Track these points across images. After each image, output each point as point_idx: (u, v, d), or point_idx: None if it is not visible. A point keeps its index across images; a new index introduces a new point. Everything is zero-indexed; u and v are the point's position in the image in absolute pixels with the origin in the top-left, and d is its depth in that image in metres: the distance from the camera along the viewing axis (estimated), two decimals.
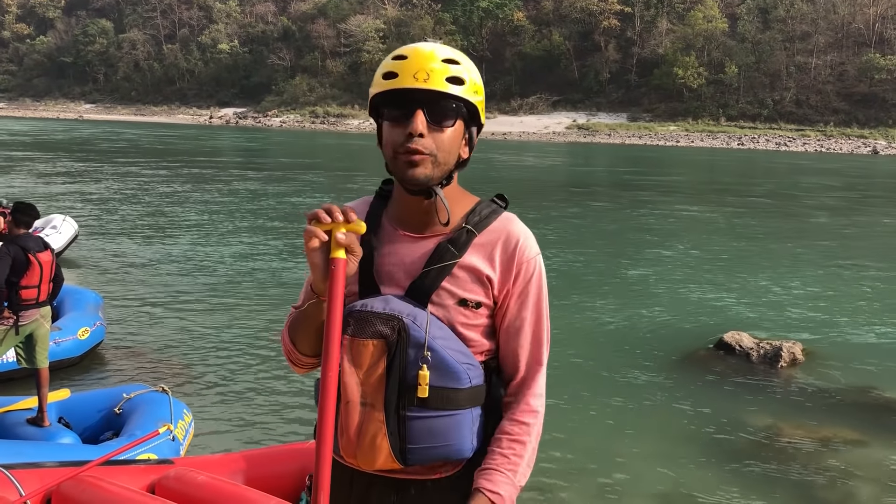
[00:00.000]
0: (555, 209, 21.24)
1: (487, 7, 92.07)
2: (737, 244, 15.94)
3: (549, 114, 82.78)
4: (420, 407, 1.52)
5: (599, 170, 39.12)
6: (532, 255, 1.62)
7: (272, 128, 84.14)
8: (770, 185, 31.44)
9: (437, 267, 1.57)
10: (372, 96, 1.57)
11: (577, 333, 9.06)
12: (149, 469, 4.05)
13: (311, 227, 1.43)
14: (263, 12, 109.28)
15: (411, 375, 1.51)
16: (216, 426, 6.08)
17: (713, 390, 7.31)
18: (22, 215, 5.72)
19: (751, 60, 79.26)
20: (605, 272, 12.75)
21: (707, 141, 69.98)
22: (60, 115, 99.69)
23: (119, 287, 10.70)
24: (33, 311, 5.63)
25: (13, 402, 5.50)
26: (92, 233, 14.89)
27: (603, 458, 5.78)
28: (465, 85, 1.53)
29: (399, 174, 1.55)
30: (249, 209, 19.43)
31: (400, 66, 1.51)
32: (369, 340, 1.53)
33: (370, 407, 1.54)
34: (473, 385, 1.56)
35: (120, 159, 34.41)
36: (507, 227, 1.62)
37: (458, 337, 1.57)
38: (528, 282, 1.61)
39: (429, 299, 1.57)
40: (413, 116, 1.50)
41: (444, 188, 1.58)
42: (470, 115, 1.58)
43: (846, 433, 6.32)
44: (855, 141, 68.12)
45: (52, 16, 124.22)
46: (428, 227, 1.62)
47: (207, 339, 8.36)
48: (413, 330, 1.52)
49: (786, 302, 10.92)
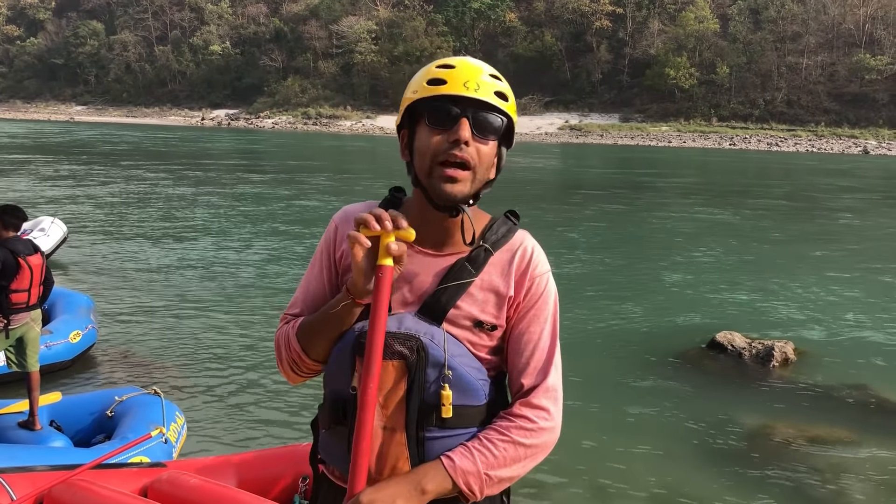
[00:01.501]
0: (548, 211, 21.26)
1: (479, 8, 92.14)
2: (729, 244, 15.98)
3: (542, 115, 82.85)
4: (439, 427, 1.51)
5: (592, 171, 39.19)
6: (544, 271, 1.61)
7: (264, 129, 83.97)
8: (762, 185, 31.57)
9: (453, 285, 1.55)
10: (411, 101, 1.54)
11: (568, 334, 9.06)
12: (141, 472, 4.03)
13: (354, 233, 1.42)
14: (255, 14, 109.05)
15: (432, 396, 1.49)
16: (209, 429, 6.06)
17: (705, 390, 7.33)
18: (10, 217, 5.68)
19: (742, 61, 79.53)
20: (596, 273, 12.77)
21: (699, 141, 70.19)
22: (51, 116, 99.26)
23: (110, 289, 10.66)
24: (23, 314, 5.61)
25: (4, 406, 5.48)
26: (82, 235, 14.83)
27: (594, 457, 5.79)
28: (509, 102, 1.54)
29: (434, 187, 1.52)
30: (244, 211, 19.39)
31: (448, 74, 1.51)
32: (389, 362, 1.48)
33: (391, 431, 1.51)
34: (489, 401, 1.56)
35: (111, 161, 34.29)
36: (522, 243, 1.62)
37: (472, 354, 1.56)
38: (539, 296, 1.59)
39: (444, 318, 1.54)
40: (459, 124, 1.49)
41: (470, 206, 1.57)
42: (505, 133, 1.57)
43: (839, 432, 6.34)
44: (846, 141, 68.41)
45: (42, 17, 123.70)
46: (446, 246, 1.59)
47: (200, 342, 8.34)
48: (432, 349, 1.50)
49: (778, 301, 10.95)
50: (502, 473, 1.51)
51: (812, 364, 8.09)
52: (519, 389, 1.58)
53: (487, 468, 1.49)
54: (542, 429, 1.54)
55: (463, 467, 1.47)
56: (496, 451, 1.50)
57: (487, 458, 1.49)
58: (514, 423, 1.53)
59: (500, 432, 1.52)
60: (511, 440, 1.51)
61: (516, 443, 1.51)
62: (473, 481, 1.48)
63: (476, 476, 1.48)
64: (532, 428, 1.53)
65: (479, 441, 1.51)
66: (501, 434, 1.51)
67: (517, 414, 1.54)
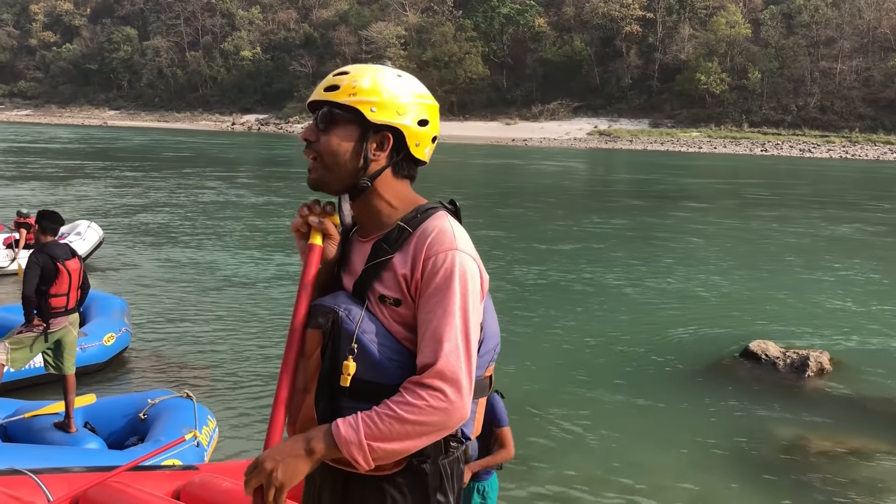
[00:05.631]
0: (579, 217, 21.16)
1: (509, 13, 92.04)
2: (764, 252, 15.78)
3: (571, 120, 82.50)
4: (350, 398, 1.59)
5: (621, 177, 38.95)
6: (444, 249, 1.58)
7: (294, 134, 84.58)
8: (797, 190, 31.12)
9: (372, 265, 1.64)
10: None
11: (601, 342, 9.00)
12: (174, 475, 4.06)
13: (296, 219, 1.70)
14: (285, 19, 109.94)
15: (339, 366, 1.59)
16: (240, 432, 6.10)
17: (739, 400, 7.22)
18: (48, 223, 5.77)
19: (774, 66, 78.55)
20: (628, 280, 12.66)
21: (730, 147, 69.38)
22: (85, 121, 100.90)
23: (144, 292, 10.78)
24: (62, 318, 5.69)
25: (40, 407, 5.55)
26: (117, 238, 15.03)
27: (629, 467, 5.72)
28: (338, 90, 1.66)
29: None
30: (280, 218, 19.53)
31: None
32: (311, 330, 1.63)
33: (305, 393, 1.63)
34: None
35: (146, 165, 34.75)
36: (430, 223, 1.62)
37: (391, 334, 1.61)
38: (436, 275, 1.57)
39: (365, 296, 1.63)
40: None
41: (368, 193, 1.67)
42: (362, 123, 1.65)
43: (877, 444, 6.22)
44: (881, 147, 67.15)
45: (77, 24, 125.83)
46: (372, 230, 1.70)
47: (232, 345, 8.40)
48: (345, 323, 1.60)
49: (813, 311, 10.78)
50: (387, 446, 1.53)
51: (848, 375, 7.94)
52: (417, 367, 1.58)
53: (370, 439, 1.52)
54: (431, 407, 1.52)
55: (346, 436, 1.53)
56: (381, 424, 1.52)
57: (371, 430, 1.52)
58: (403, 399, 1.54)
59: (388, 406, 1.54)
60: (395, 415, 1.52)
61: (401, 419, 1.52)
62: (355, 450, 1.52)
63: (357, 446, 1.52)
64: (419, 405, 1.52)
65: (370, 413, 1.54)
66: (388, 409, 1.53)
67: (405, 389, 1.55)
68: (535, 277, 12.56)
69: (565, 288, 12.00)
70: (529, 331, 9.25)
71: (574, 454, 5.90)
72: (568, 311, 10.39)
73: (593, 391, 7.28)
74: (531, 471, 5.54)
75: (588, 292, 11.65)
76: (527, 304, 10.71)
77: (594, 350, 8.67)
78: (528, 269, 13.09)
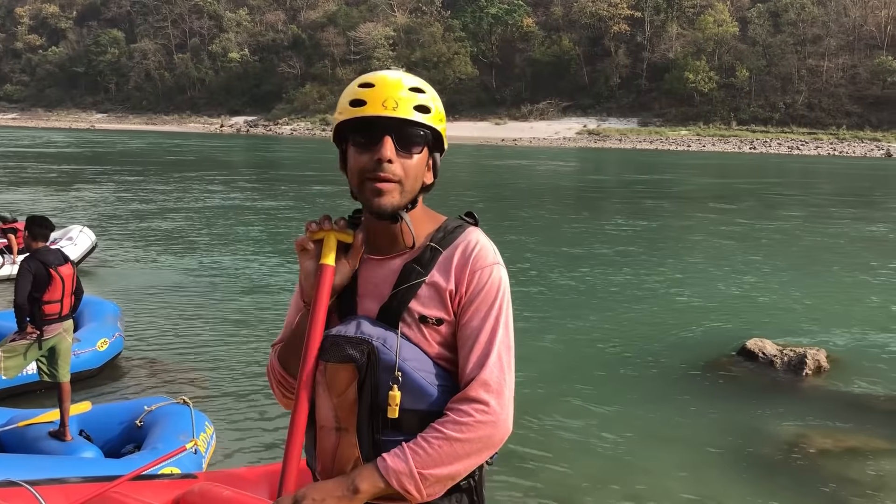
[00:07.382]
0: (571, 216, 21.18)
1: (497, 13, 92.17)
2: (758, 249, 15.82)
3: (560, 119, 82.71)
4: (394, 430, 1.52)
5: (611, 176, 39.03)
6: (488, 263, 1.59)
7: (282, 136, 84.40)
8: (788, 189, 31.26)
9: (404, 288, 1.58)
10: (339, 123, 1.59)
11: (596, 342, 8.99)
12: (173, 484, 4.00)
13: (300, 237, 1.59)
14: (273, 21, 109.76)
15: (382, 398, 1.51)
16: (238, 438, 6.04)
17: (736, 399, 7.21)
18: (39, 228, 5.70)
19: (762, 64, 78.99)
20: (623, 279, 12.66)
21: (719, 145, 69.71)
22: (72, 124, 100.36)
23: (137, 297, 10.69)
24: (56, 325, 5.61)
25: (35, 416, 5.47)
26: (110, 242, 14.91)
27: (625, 466, 5.71)
28: (431, 113, 1.57)
29: (366, 201, 1.58)
30: (273, 221, 19.44)
31: (368, 94, 1.54)
32: (340, 365, 1.54)
33: (344, 431, 1.56)
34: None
35: (136, 169, 34.56)
36: (467, 239, 1.62)
37: (430, 358, 1.56)
38: (481, 289, 1.57)
39: (399, 321, 1.57)
40: (381, 143, 1.53)
41: (409, 212, 1.61)
42: (434, 142, 1.61)
43: (875, 443, 6.22)
44: (868, 144, 67.67)
45: (63, 26, 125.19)
46: (394, 249, 1.64)
47: (227, 350, 8.33)
48: (383, 353, 1.52)
49: (810, 308, 10.80)
50: (439, 472, 1.49)
51: (846, 372, 7.94)
52: (462, 386, 1.55)
53: (421, 467, 1.48)
54: (478, 422, 1.50)
55: (395, 467, 1.47)
56: (430, 449, 1.48)
57: (421, 457, 1.48)
58: (449, 418, 1.51)
59: (435, 429, 1.50)
60: (444, 436, 1.49)
61: (450, 439, 1.49)
62: (406, 481, 1.47)
63: (408, 476, 1.47)
64: (466, 422, 1.50)
65: (416, 440, 1.50)
66: (436, 431, 1.50)
67: (451, 408, 1.52)
68: (531, 277, 12.54)
69: (559, 288, 11.99)
70: (527, 331, 9.22)
71: (571, 452, 5.88)
72: (561, 311, 10.38)
73: (588, 390, 7.26)
74: (531, 471, 5.52)
75: (582, 291, 11.64)
76: (523, 304, 10.69)
77: (589, 349, 8.65)
78: (523, 268, 13.06)
